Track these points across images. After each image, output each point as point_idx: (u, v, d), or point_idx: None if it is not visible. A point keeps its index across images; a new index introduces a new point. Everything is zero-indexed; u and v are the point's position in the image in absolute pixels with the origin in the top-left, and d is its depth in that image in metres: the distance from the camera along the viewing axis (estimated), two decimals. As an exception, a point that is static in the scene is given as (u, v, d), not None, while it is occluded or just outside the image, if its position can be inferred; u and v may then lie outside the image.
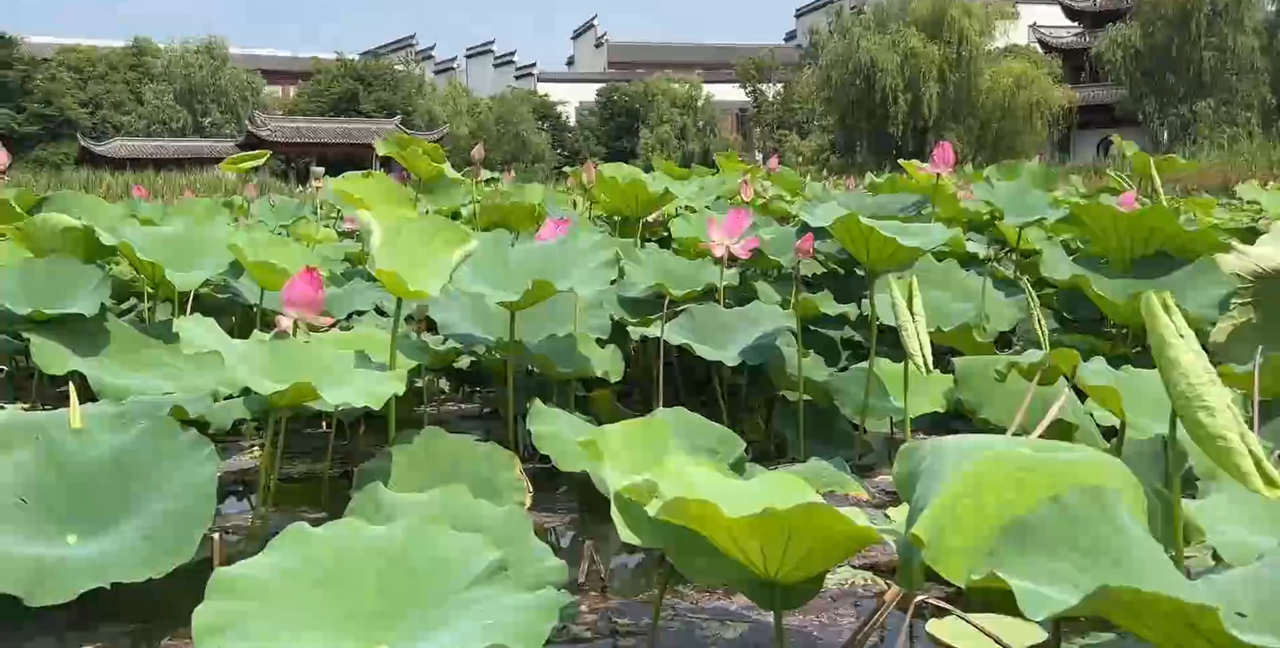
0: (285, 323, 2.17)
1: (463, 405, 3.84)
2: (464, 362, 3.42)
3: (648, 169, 5.44)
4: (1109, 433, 2.51)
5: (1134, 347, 3.46)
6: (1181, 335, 1.13)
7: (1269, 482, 1.10)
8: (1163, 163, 4.97)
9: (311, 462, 2.98)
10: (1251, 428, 1.94)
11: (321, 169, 5.67)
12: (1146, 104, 39.95)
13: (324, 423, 3.26)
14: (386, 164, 7.39)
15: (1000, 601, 1.84)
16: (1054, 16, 51.60)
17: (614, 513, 1.38)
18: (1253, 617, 0.96)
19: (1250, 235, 3.24)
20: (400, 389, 1.98)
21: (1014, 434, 1.79)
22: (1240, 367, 2.52)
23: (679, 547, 1.37)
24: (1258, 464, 1.11)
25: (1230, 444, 1.11)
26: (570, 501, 2.58)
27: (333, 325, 2.60)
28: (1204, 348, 1.12)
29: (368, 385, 2.00)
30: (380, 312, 3.64)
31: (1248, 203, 7.95)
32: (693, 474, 1.47)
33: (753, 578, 1.37)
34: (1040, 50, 46.64)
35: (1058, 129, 41.64)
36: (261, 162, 5.12)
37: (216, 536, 1.75)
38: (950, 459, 1.10)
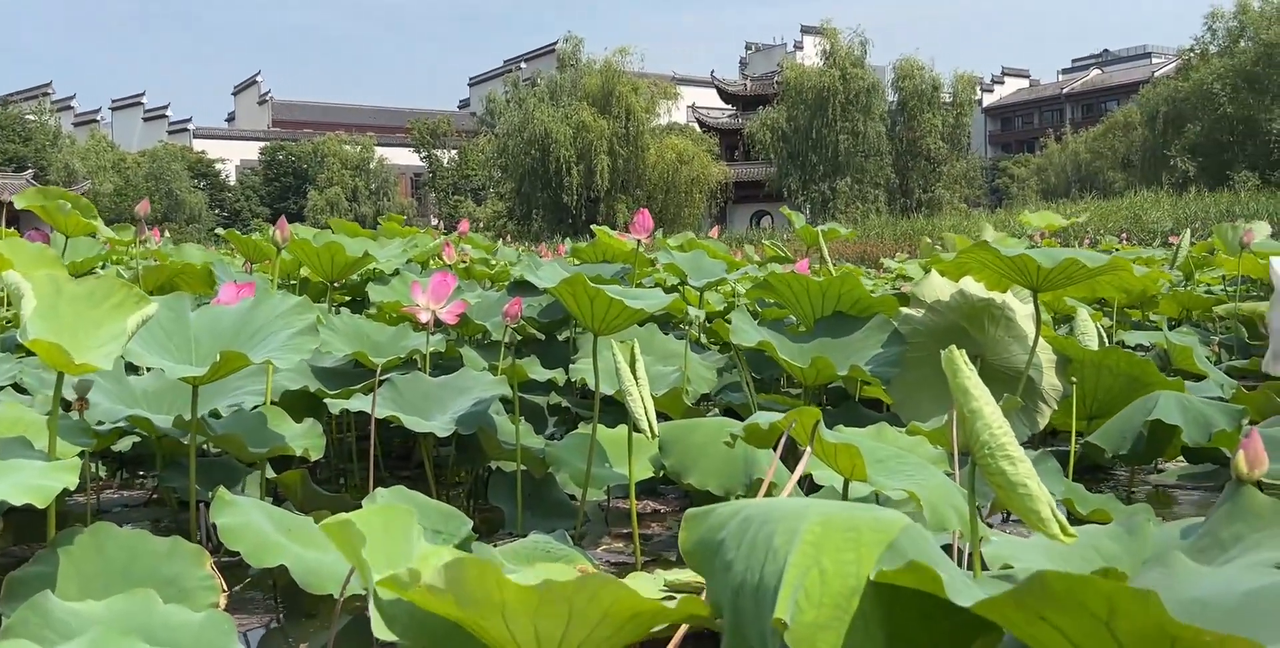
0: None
1: (124, 493, 3.38)
2: (124, 443, 3.01)
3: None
4: (812, 491, 2.57)
5: (822, 404, 3.64)
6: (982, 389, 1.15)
7: (1063, 529, 1.16)
8: (828, 233, 5.37)
9: (-64, 570, 2.47)
10: (956, 481, 2.05)
11: (-63, 227, 4.91)
12: (792, 181, 43.86)
13: (-49, 522, 2.73)
14: (14, 222, 6.55)
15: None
16: (711, 98, 55.78)
17: (371, 609, 1.20)
18: None
19: (903, 300, 3.49)
20: (73, 482, 1.65)
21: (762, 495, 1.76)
22: (924, 424, 2.68)
23: (438, 643, 1.21)
24: (1052, 512, 1.16)
25: (1030, 492, 1.14)
26: (266, 598, 2.30)
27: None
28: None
29: (29, 479, 1.66)
30: (19, 388, 3.13)
31: (886, 271, 8.92)
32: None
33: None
34: (699, 129, 50.16)
35: (716, 202, 44.77)
36: None
37: None
38: (776, 528, 1.04)
